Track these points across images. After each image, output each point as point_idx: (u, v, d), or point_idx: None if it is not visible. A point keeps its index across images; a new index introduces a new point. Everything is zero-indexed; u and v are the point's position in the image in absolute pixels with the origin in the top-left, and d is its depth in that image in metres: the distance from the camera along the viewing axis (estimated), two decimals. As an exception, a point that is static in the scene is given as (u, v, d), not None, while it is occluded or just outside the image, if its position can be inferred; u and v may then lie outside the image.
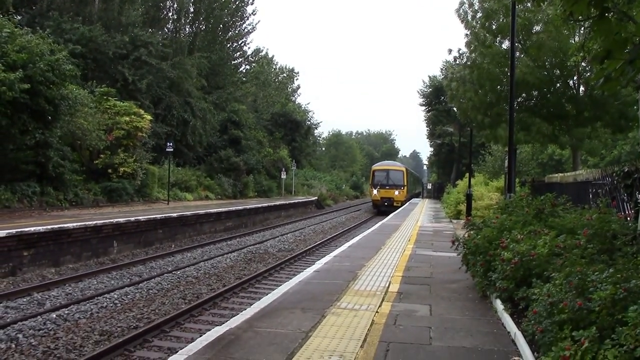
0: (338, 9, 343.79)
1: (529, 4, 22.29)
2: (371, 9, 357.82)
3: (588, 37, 10.44)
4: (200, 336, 7.31)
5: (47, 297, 13.25)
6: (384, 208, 48.39)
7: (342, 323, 7.62)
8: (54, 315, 11.42)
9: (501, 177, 33.02)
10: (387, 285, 10.48)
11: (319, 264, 13.15)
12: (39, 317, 11.27)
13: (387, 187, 50.32)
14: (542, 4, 5.03)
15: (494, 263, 8.83)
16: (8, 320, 11.00)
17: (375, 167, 55.70)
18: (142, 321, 11.33)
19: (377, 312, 8.34)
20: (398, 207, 45.73)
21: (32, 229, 16.18)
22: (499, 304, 8.30)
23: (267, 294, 10.21)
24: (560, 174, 22.20)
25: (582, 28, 21.47)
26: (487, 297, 9.27)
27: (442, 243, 17.47)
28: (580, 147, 27.72)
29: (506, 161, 17.51)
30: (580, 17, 5.37)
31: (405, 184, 52.34)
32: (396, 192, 50.25)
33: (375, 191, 50.94)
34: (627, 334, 4.79)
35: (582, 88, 26.10)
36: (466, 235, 10.95)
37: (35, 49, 22.04)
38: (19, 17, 31.88)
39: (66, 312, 11.79)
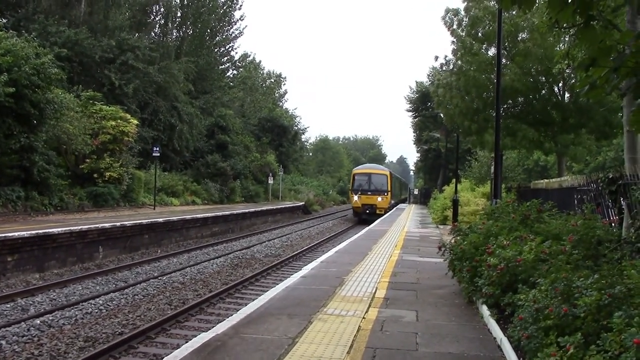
0: (325, 16, 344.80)
1: (514, 12, 22.46)
2: (359, 15, 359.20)
3: (573, 45, 10.55)
4: (186, 342, 7.26)
5: (31, 303, 13.11)
6: (365, 216, 44.10)
7: (329, 329, 7.60)
8: (38, 322, 11.30)
9: (487, 183, 33.16)
10: (373, 291, 10.48)
11: (305, 270, 13.13)
12: (22, 323, 11.15)
13: (369, 193, 45.69)
14: (527, 11, 5.07)
15: (480, 269, 8.86)
16: (-9, 326, 10.87)
17: (356, 170, 50.75)
18: (128, 327, 11.24)
19: (363, 318, 8.33)
20: (381, 215, 42.04)
21: (17, 234, 16.02)
22: (485, 310, 8.33)
23: (253, 300, 10.17)
24: (546, 180, 22.35)
25: (568, 35, 21.67)
26: (474, 302, 9.30)
27: (428, 249, 17.52)
28: (565, 154, 27.92)
29: (492, 167, 17.61)
30: (565, 25, 5.42)
31: (390, 189, 47.64)
32: (379, 199, 45.52)
33: (355, 197, 46.09)
34: (612, 340, 4.82)
35: (567, 95, 26.32)
36: (452, 241, 10.99)
37: (21, 52, 21.89)
38: (4, 21, 31.72)
39: (50, 318, 11.67)
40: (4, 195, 22.45)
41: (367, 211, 44.52)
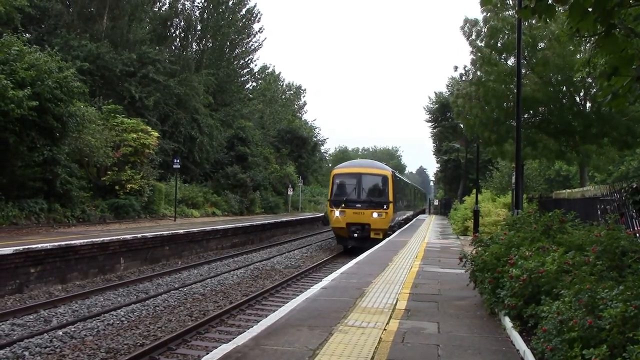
0: (344, 26, 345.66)
1: (534, 21, 22.35)
2: (377, 25, 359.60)
3: (594, 53, 10.45)
4: (207, 354, 7.26)
5: (53, 314, 13.23)
6: (353, 243, 28.66)
7: (350, 341, 7.56)
8: (61, 333, 11.40)
9: (508, 193, 32.93)
10: (394, 302, 10.42)
11: (325, 281, 13.10)
12: (45, 334, 11.25)
13: (359, 206, 28.55)
14: (548, 20, 5.04)
15: (502, 280, 8.77)
16: (14, 337, 10.99)
17: (339, 169, 31.29)
18: (149, 338, 11.29)
19: (384, 329, 8.28)
20: (378, 240, 26.47)
21: (39, 245, 16.21)
22: (507, 322, 8.23)
23: (274, 311, 10.17)
24: (568, 190, 22.12)
25: (588, 44, 21.50)
26: (496, 314, 9.20)
27: (449, 260, 17.38)
28: (587, 163, 27.65)
29: (513, 177, 17.45)
30: (586, 34, 5.38)
31: (392, 198, 29.29)
32: (374, 215, 28.36)
33: (337, 213, 28.40)
34: (638, 353, 4.74)
35: (588, 104, 26.08)
36: (474, 252, 10.89)
37: (44, 67, 22.23)
38: (27, 35, 32.22)
39: (73, 329, 11.76)
40: (28, 207, 22.74)
41: (356, 234, 28.12)
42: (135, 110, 35.52)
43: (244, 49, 60.45)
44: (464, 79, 30.08)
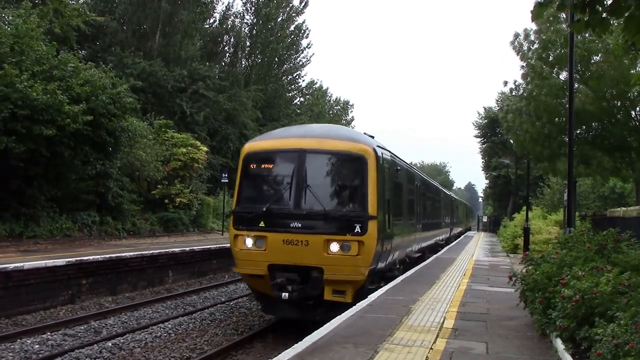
0: (392, 42, 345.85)
1: (587, 35, 21.89)
2: (426, 40, 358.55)
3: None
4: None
5: (103, 325, 13.48)
6: (288, 311, 12.96)
7: (396, 359, 7.44)
8: (110, 344, 11.59)
9: (560, 211, 32.12)
10: (441, 320, 10.23)
11: (371, 297, 12.96)
12: (95, 345, 11.46)
13: (297, 226, 12.45)
14: (602, 35, 4.90)
15: (553, 300, 8.52)
16: (66, 347, 11.23)
17: (257, 144, 14.19)
18: (195, 352, 11.37)
19: (431, 348, 8.12)
20: (346, 306, 11.38)
21: (91, 257, 16.59)
22: (559, 344, 7.97)
23: (319, 327, 10.11)
24: (623, 208, 21.47)
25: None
26: (547, 335, 8.92)
27: (498, 278, 17.01)
28: (643, 181, 26.80)
29: (565, 194, 17.01)
30: (643, 48, 5.21)
31: (375, 208, 12.54)
32: (333, 247, 12.31)
33: (248, 241, 12.88)
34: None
35: (645, 119, 25.32)
36: (524, 271, 10.62)
37: (98, 83, 22.90)
38: (83, 52, 33.28)
39: (122, 340, 11.95)
40: (80, 220, 23.36)
41: (291, 288, 12.26)
42: (186, 125, 36.23)
43: (292, 65, 61.09)
44: (514, 93, 29.60)
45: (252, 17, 54.24)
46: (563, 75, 25.63)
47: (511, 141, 42.56)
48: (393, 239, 14.48)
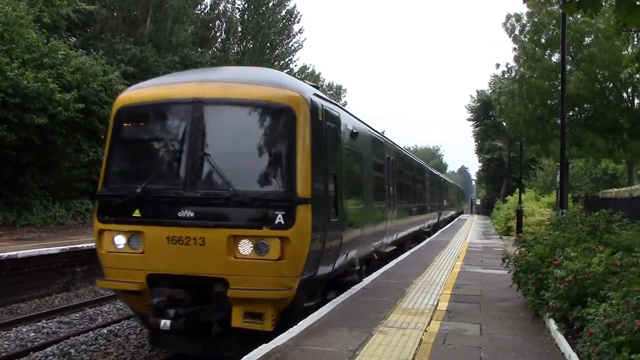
0: (383, 26, 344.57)
1: (579, 16, 21.85)
2: (419, 23, 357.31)
3: (643, 48, 10.17)
4: (247, 354, 7.30)
5: (99, 312, 13.53)
6: (175, 346, 9.02)
7: (390, 342, 7.49)
8: (105, 331, 11.63)
9: (553, 193, 32.28)
10: (435, 303, 10.29)
11: (366, 281, 13.03)
12: (90, 332, 11.49)
13: (189, 215, 8.18)
14: (594, 15, 4.89)
15: (546, 281, 8.59)
16: (61, 335, 11.26)
17: (135, 92, 9.45)
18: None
19: (425, 330, 8.18)
20: (274, 334, 7.87)
21: (85, 245, 16.56)
22: (552, 324, 8.05)
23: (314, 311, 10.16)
24: (615, 189, 21.60)
25: (636, 39, 20.96)
26: (540, 316, 9.00)
27: (492, 260, 17.11)
28: (636, 162, 26.88)
29: (558, 176, 17.08)
30: (634, 28, 5.22)
31: (309, 182, 8.32)
32: (243, 248, 8.13)
33: (118, 239, 8.66)
34: (690, 358, 4.57)
35: (637, 100, 25.38)
36: (517, 253, 10.68)
37: (89, 70, 22.76)
38: (73, 40, 33.01)
39: (117, 327, 11.98)
40: (74, 208, 23.32)
41: (175, 313, 7.93)
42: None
43: (284, 50, 60.73)
44: (506, 76, 29.58)
45: (243, 2, 53.85)
46: (555, 58, 25.63)
47: (504, 124, 42.62)
48: (345, 231, 10.24)
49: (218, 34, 53.04)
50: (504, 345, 7.48)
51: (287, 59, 62.50)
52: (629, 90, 25.41)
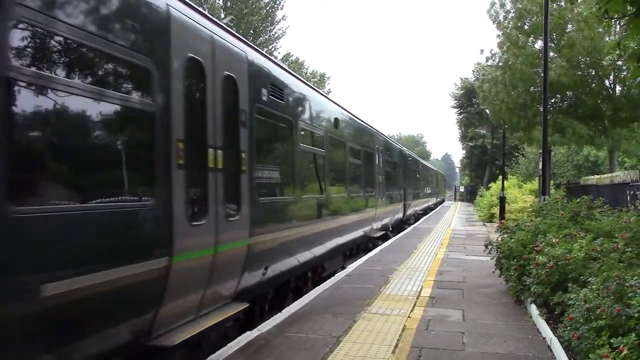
0: (367, 13, 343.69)
1: (562, 3, 21.92)
2: (401, 12, 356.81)
3: (624, 35, 10.19)
4: (231, 341, 7.30)
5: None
6: None
7: (374, 328, 7.53)
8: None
9: (535, 180, 32.51)
10: (419, 289, 10.36)
11: (350, 268, 13.08)
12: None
13: None
14: (575, 1, 4.90)
15: (528, 267, 8.66)
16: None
17: None
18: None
19: (409, 317, 8.24)
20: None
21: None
22: (533, 309, 8.13)
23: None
24: (597, 176, 21.80)
25: (618, 26, 21.07)
26: (522, 302, 9.09)
27: (475, 247, 17.24)
28: (617, 149, 27.12)
29: (540, 163, 17.21)
30: (615, 15, 5.24)
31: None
32: None
33: None
34: (668, 342, 4.64)
35: (618, 88, 25.53)
36: (499, 239, 10.77)
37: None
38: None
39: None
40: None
41: None
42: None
43: (267, 37, 60.40)
44: (490, 63, 29.64)
45: (226, -12, 53.49)
46: (538, 44, 25.68)
47: (487, 111, 42.72)
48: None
49: (201, 21, 52.68)
50: (487, 330, 7.55)
51: (271, 46, 62.17)
52: (611, 77, 25.56)
